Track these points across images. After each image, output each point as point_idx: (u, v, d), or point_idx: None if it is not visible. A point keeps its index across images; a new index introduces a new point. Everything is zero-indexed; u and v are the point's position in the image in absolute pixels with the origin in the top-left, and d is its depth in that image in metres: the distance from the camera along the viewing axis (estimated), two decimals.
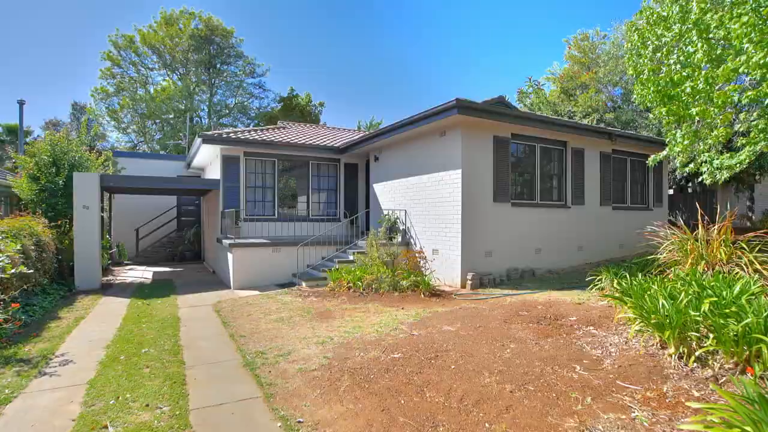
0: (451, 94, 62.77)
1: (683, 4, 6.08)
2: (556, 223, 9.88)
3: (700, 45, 5.75)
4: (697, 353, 3.58)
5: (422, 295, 7.50)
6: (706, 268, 5.91)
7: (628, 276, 5.77)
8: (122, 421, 3.29)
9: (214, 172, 12.62)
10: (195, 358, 4.79)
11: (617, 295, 4.93)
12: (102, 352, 5.05)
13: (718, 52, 5.82)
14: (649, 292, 4.36)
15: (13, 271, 5.26)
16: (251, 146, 11.20)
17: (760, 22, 4.78)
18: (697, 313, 3.65)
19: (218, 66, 28.90)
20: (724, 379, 3.42)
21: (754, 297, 3.95)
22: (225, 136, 10.92)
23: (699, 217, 6.68)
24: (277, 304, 7.42)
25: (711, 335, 3.47)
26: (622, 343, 4.45)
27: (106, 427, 3.20)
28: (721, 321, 3.41)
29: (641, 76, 6.65)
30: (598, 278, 7.08)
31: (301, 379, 4.04)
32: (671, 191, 16.07)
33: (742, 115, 7.02)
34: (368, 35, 59.06)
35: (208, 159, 13.35)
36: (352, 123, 73.91)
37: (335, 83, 58.94)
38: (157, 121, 27.00)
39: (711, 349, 3.46)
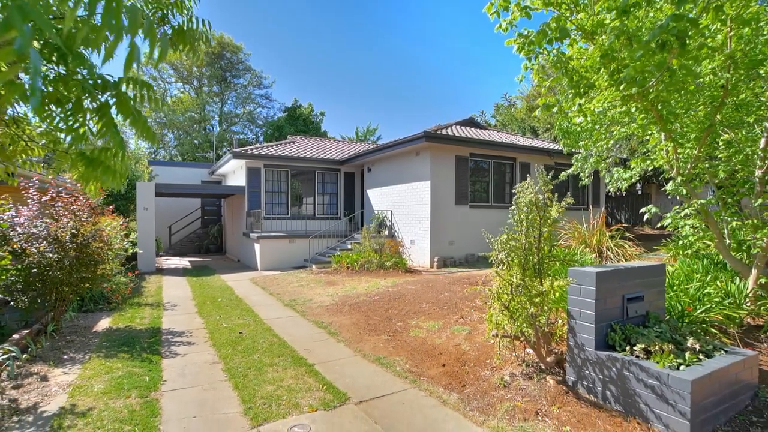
0: (450, 93, 65.87)
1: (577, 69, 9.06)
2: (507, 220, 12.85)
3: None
4: None
5: (400, 272, 10.49)
6: (585, 249, 8.93)
7: None
8: (229, 323, 6.27)
9: (237, 180, 15.58)
10: (252, 303, 7.77)
11: None
12: (192, 301, 8.03)
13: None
14: None
15: (132, 251, 8.21)
16: (270, 159, 14.16)
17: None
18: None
19: (228, 79, 31.87)
20: None
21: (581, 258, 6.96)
22: (250, 152, 13.88)
23: (595, 216, 9.69)
24: (296, 278, 10.41)
25: None
26: None
27: (222, 324, 6.18)
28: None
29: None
30: None
31: (319, 309, 7.03)
32: (624, 193, 19.07)
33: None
34: (368, 35, 62.09)
35: (232, 168, 16.31)
36: (352, 124, 76.38)
37: (336, 85, 62.08)
38: (175, 129, 29.95)
39: None
